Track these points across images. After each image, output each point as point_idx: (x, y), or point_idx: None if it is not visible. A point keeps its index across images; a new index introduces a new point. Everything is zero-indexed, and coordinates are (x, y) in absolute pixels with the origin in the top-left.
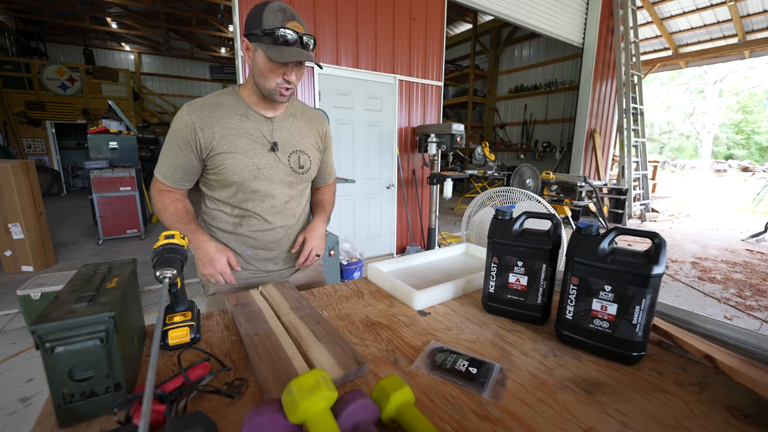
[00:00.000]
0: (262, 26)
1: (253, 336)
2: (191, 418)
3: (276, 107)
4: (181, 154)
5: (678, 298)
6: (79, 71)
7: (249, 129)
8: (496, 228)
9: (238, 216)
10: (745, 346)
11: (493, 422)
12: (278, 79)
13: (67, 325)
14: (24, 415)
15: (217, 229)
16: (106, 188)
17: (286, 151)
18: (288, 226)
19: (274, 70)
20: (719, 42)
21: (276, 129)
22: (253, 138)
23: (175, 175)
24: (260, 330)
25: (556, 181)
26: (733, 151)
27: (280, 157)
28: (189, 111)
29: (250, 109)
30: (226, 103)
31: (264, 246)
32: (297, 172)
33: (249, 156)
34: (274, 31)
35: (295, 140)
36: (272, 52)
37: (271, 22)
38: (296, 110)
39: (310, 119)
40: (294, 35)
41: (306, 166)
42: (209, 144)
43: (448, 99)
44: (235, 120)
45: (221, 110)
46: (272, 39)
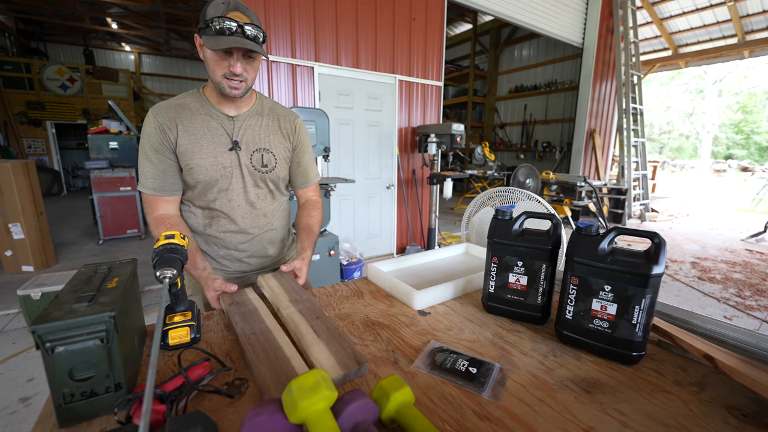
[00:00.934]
0: (205, 17)
1: (249, 335)
2: (191, 418)
3: (239, 105)
4: (161, 159)
5: (678, 297)
6: (80, 71)
7: (212, 128)
8: (496, 228)
9: (207, 216)
10: (744, 346)
11: (493, 422)
12: (224, 71)
13: (68, 325)
14: (24, 415)
15: (190, 229)
16: (107, 188)
17: (249, 149)
18: (259, 226)
19: (218, 61)
20: (719, 42)
21: (239, 127)
22: (215, 137)
23: (164, 183)
24: (257, 329)
25: (556, 181)
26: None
27: (242, 156)
28: (154, 114)
29: (213, 108)
30: (189, 104)
31: (234, 247)
32: (260, 171)
33: (213, 155)
34: (212, 21)
35: (259, 138)
36: (210, 41)
37: (212, 13)
38: (264, 108)
39: (278, 117)
40: (233, 25)
41: (270, 165)
42: (176, 142)
43: (448, 99)
44: (198, 120)
45: (185, 111)
46: (212, 29)
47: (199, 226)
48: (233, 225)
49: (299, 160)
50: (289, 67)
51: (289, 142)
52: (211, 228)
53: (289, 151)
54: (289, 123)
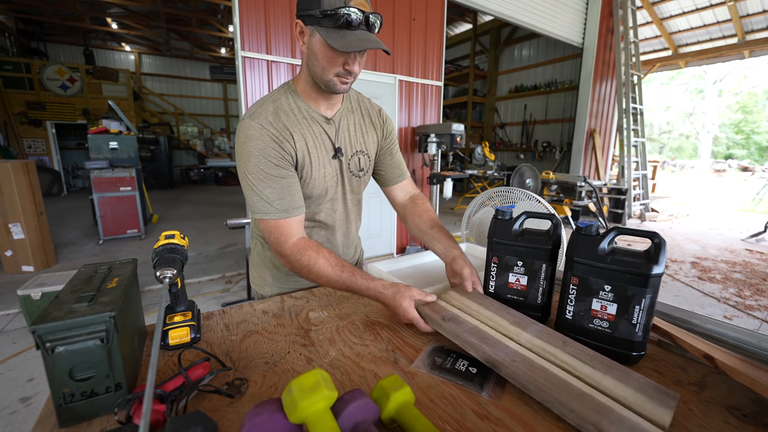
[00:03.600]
0: (321, 6)
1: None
2: (192, 418)
3: (333, 103)
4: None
5: (678, 297)
6: (80, 71)
7: (317, 133)
8: (496, 228)
9: (307, 228)
10: (744, 346)
11: (493, 422)
12: (338, 69)
13: (68, 325)
14: (25, 415)
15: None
16: (107, 188)
17: (348, 153)
18: (349, 233)
19: (333, 59)
20: (719, 42)
21: (338, 130)
22: (322, 144)
23: (293, 201)
24: (513, 354)
25: (556, 181)
26: (733, 150)
27: (343, 162)
28: (262, 125)
29: (311, 109)
30: (287, 107)
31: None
32: (357, 176)
33: (323, 164)
34: (335, 11)
35: (355, 139)
36: (334, 39)
37: (332, 1)
38: (353, 103)
39: (368, 110)
40: (359, 15)
41: (365, 168)
42: (295, 155)
43: (448, 99)
44: (303, 125)
45: (289, 116)
46: (333, 21)
47: None
48: (330, 234)
49: (391, 150)
50: (289, 67)
51: (380, 135)
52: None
53: (378, 146)
54: (377, 115)
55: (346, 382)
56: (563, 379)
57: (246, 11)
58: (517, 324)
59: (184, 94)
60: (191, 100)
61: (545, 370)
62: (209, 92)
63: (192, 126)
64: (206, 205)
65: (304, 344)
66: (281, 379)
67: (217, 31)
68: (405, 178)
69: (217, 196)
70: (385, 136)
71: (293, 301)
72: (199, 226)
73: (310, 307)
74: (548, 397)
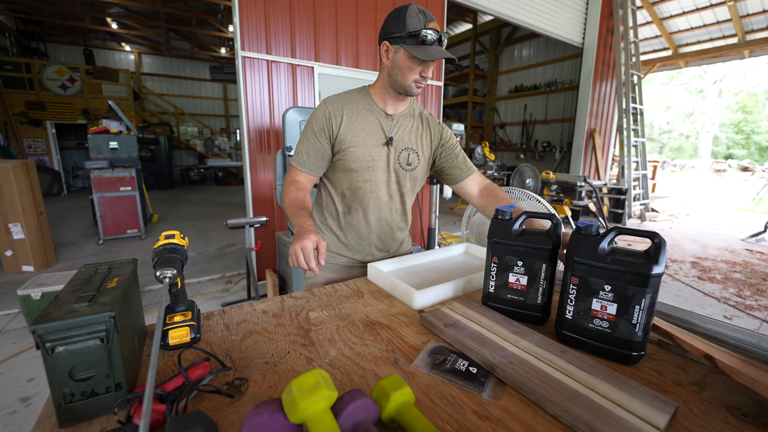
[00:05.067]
0: (407, 29)
1: (506, 366)
2: (192, 418)
3: (398, 106)
4: (315, 140)
5: (678, 297)
6: (80, 71)
7: (371, 122)
8: (496, 228)
9: (346, 205)
10: (744, 346)
11: (493, 422)
12: (416, 76)
13: (68, 325)
14: (25, 415)
15: (328, 214)
16: (107, 188)
17: (399, 147)
18: (390, 221)
19: (413, 68)
20: (719, 42)
21: (394, 125)
22: (373, 131)
23: (308, 161)
24: (510, 357)
25: (556, 181)
26: (733, 150)
27: (391, 152)
28: (326, 102)
29: (375, 105)
30: (356, 99)
31: (366, 236)
32: (405, 169)
33: (367, 147)
34: (418, 32)
35: (408, 138)
36: (417, 51)
37: (415, 25)
38: (415, 111)
39: (427, 120)
40: (435, 35)
41: (414, 164)
42: (339, 130)
43: (448, 99)
44: (361, 113)
45: (351, 104)
46: (416, 39)
47: (338, 214)
48: (369, 215)
49: (455, 152)
50: (289, 66)
51: (436, 143)
52: (349, 216)
53: (432, 153)
54: (436, 125)
55: (346, 382)
56: (558, 380)
57: (246, 11)
58: (517, 333)
59: (184, 94)
60: (191, 100)
61: (541, 372)
62: (209, 92)
63: (192, 126)
64: (206, 205)
65: (304, 344)
66: (281, 379)
67: (217, 31)
68: (473, 172)
69: (217, 196)
70: (442, 142)
71: (293, 301)
72: (199, 226)
73: (310, 307)
74: (542, 398)
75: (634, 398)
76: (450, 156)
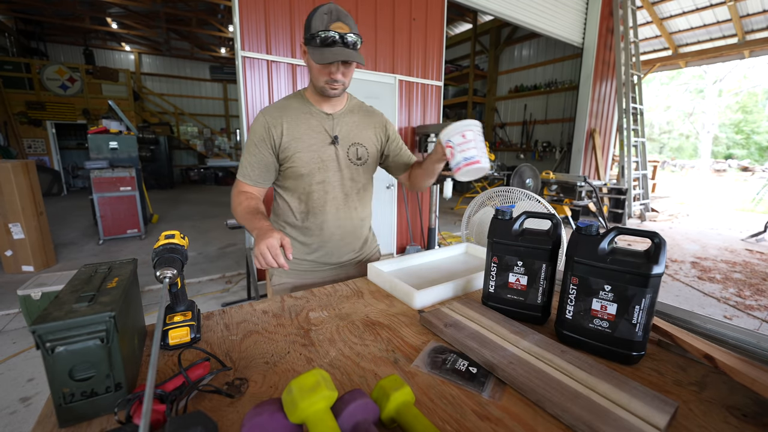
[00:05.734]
0: (310, 30)
1: (506, 366)
2: (192, 418)
3: (335, 104)
4: (258, 152)
5: (678, 297)
6: (80, 71)
7: (313, 125)
8: (496, 228)
9: (304, 210)
10: (744, 346)
11: (493, 422)
12: (326, 77)
13: (68, 325)
14: (24, 415)
15: (286, 223)
16: (107, 188)
17: (345, 143)
18: (350, 219)
19: (320, 70)
20: (719, 42)
21: (336, 124)
22: (316, 133)
23: (253, 173)
24: (510, 357)
25: (556, 181)
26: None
27: (339, 150)
28: (264, 113)
29: (312, 107)
30: (293, 105)
31: (328, 238)
32: (355, 164)
33: (314, 149)
34: (318, 34)
35: (354, 133)
36: (315, 55)
37: (317, 26)
38: (354, 107)
39: (368, 113)
40: (335, 35)
41: (364, 158)
42: (280, 140)
43: (448, 99)
44: (301, 117)
45: (289, 111)
46: (318, 41)
47: (296, 219)
48: (327, 216)
49: (398, 147)
50: (289, 66)
51: (381, 135)
52: (308, 221)
53: (380, 145)
54: (379, 119)
55: (346, 382)
56: (558, 380)
57: (246, 11)
58: (517, 333)
59: (184, 94)
60: (191, 100)
61: (541, 372)
62: (209, 92)
63: (192, 126)
64: (206, 205)
65: (304, 344)
66: (281, 379)
67: (217, 31)
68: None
69: (217, 196)
70: (387, 137)
71: (293, 301)
72: (199, 226)
73: (310, 307)
74: (542, 398)
75: (634, 398)
76: (395, 149)
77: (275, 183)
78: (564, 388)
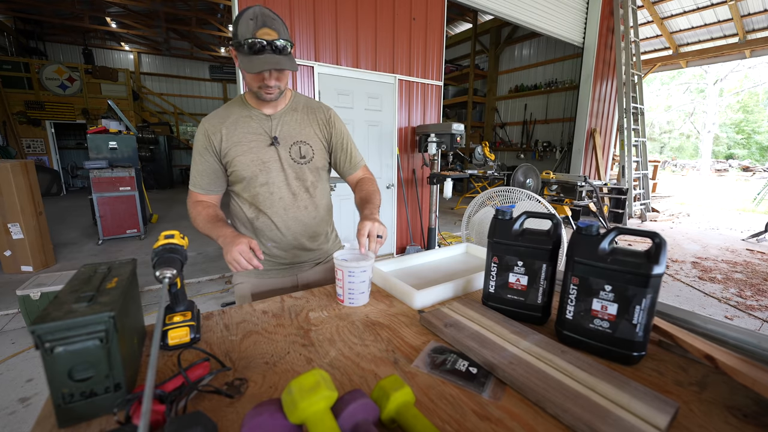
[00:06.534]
0: (237, 36)
1: (506, 366)
2: (191, 418)
3: (275, 105)
4: (203, 161)
5: (678, 297)
6: (79, 71)
7: (252, 127)
8: (496, 228)
9: (254, 211)
10: (745, 346)
11: (493, 422)
12: (259, 83)
13: (67, 325)
14: (24, 416)
15: (240, 224)
16: (106, 188)
17: (287, 143)
18: (300, 218)
19: (253, 77)
20: (720, 41)
21: (277, 124)
22: (256, 135)
23: (203, 181)
24: (510, 357)
25: (556, 181)
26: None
27: (281, 150)
28: (203, 122)
29: (253, 110)
30: (233, 109)
31: (279, 238)
32: (299, 162)
33: (254, 152)
34: (245, 42)
35: (296, 132)
36: (245, 63)
37: (243, 32)
38: (298, 104)
39: (312, 110)
40: (263, 43)
41: (308, 156)
42: (220, 145)
43: (448, 99)
44: (240, 122)
45: (229, 116)
46: (245, 49)
47: (247, 220)
48: (276, 217)
49: (342, 144)
50: None
51: (325, 131)
52: (258, 221)
53: (326, 141)
54: (323, 113)
55: (346, 382)
56: (559, 380)
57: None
58: (517, 333)
59: (184, 93)
60: (191, 100)
61: (541, 372)
62: (209, 92)
63: (192, 126)
64: None
65: (304, 344)
66: (281, 379)
67: (216, 30)
68: (356, 169)
69: None
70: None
71: (293, 301)
72: None
73: (310, 307)
74: (542, 398)
75: (634, 398)
76: (338, 150)
77: (229, 187)
78: (564, 388)
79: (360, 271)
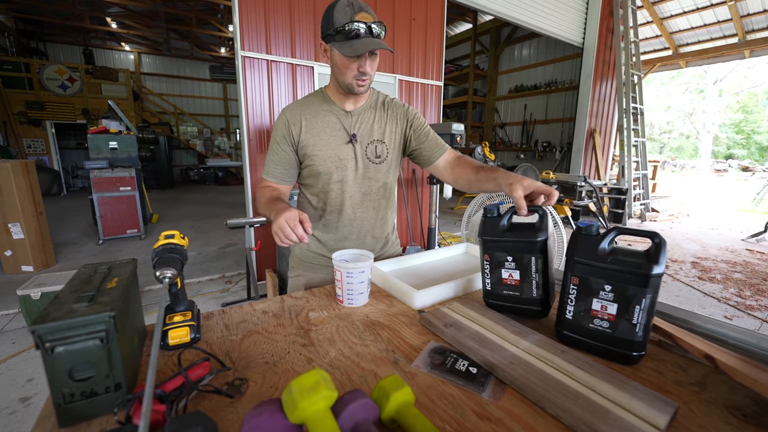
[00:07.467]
0: (334, 25)
1: (506, 366)
2: (191, 418)
3: (356, 100)
4: (280, 149)
5: (678, 297)
6: (79, 71)
7: (332, 123)
8: (485, 226)
9: (323, 206)
10: (745, 346)
11: (493, 422)
12: (354, 72)
13: (67, 325)
14: (24, 415)
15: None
16: (106, 188)
17: (364, 141)
18: (369, 218)
19: (348, 64)
20: (719, 42)
21: (356, 121)
22: (334, 131)
23: (276, 170)
24: (510, 357)
25: (556, 181)
26: (733, 150)
27: (357, 148)
28: (284, 111)
29: (333, 105)
30: (313, 102)
31: (345, 236)
32: (374, 162)
33: (332, 148)
34: (344, 27)
35: (374, 130)
36: (345, 48)
37: (341, 19)
38: (378, 101)
39: (390, 108)
40: (363, 26)
41: (383, 156)
42: (299, 137)
43: (448, 99)
44: (320, 115)
45: (310, 108)
46: (344, 35)
47: (315, 216)
48: (343, 215)
49: (425, 132)
50: (289, 66)
51: (403, 125)
52: (325, 218)
53: (403, 136)
54: (401, 108)
55: (346, 382)
56: (559, 380)
57: (246, 11)
58: (517, 333)
59: (184, 93)
60: (191, 100)
61: (541, 372)
62: (209, 92)
63: (192, 126)
64: (206, 205)
65: (304, 344)
66: (281, 379)
67: (217, 30)
68: (445, 149)
69: (217, 196)
70: (409, 123)
71: (293, 301)
72: (199, 226)
73: (310, 307)
74: (542, 398)
75: (634, 398)
76: (420, 136)
77: (299, 181)
78: (564, 388)
79: (358, 271)
